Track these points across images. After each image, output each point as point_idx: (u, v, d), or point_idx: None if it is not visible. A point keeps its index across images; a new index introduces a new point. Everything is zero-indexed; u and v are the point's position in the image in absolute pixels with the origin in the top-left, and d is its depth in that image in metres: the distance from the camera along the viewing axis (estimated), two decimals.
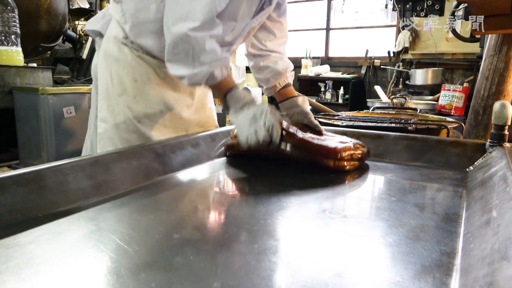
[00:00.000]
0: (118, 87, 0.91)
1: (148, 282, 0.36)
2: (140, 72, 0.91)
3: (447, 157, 0.85)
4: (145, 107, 0.92)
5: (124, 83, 0.91)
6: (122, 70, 0.91)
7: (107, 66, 0.92)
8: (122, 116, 0.91)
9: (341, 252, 0.43)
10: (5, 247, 0.43)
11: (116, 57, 0.91)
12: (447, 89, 2.44)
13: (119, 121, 0.91)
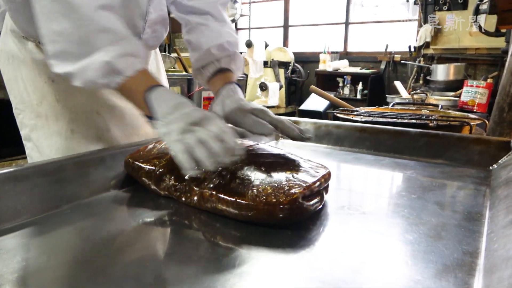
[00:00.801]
0: (34, 94, 0.69)
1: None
2: None
3: (469, 154, 0.83)
4: (75, 111, 0.70)
5: (40, 87, 0.69)
6: (31, 72, 0.69)
7: (14, 71, 0.70)
8: (47, 129, 0.69)
9: (359, 249, 0.42)
10: (28, 236, 0.44)
11: (21, 58, 0.69)
12: (469, 85, 2.38)
13: (46, 137, 0.70)
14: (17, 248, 0.41)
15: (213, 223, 0.49)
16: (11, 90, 0.72)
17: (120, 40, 0.53)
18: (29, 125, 0.71)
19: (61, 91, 0.69)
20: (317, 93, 1.73)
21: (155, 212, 0.53)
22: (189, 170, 0.46)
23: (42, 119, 0.69)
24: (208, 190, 0.50)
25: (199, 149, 0.47)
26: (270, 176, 0.50)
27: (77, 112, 0.70)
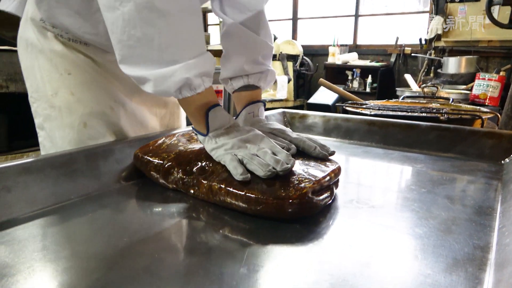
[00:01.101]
0: (49, 85, 0.69)
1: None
2: (72, 61, 0.69)
3: (481, 148, 0.81)
4: (88, 105, 0.70)
5: (55, 79, 0.68)
6: (49, 63, 0.69)
7: (32, 60, 0.70)
8: (60, 120, 0.69)
9: (368, 242, 0.42)
10: (40, 227, 0.45)
11: (39, 47, 0.69)
12: (481, 78, 2.35)
13: (58, 128, 0.70)
14: (29, 239, 0.41)
15: (221, 215, 0.49)
16: (28, 78, 0.72)
17: (201, 55, 0.53)
18: (43, 115, 0.71)
19: (77, 84, 0.69)
20: (326, 86, 1.71)
21: (163, 204, 0.53)
22: (239, 176, 0.48)
23: (55, 110, 0.69)
24: (217, 183, 0.50)
25: (251, 161, 0.50)
26: None
27: (91, 106, 0.70)
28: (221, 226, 0.47)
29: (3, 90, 2.15)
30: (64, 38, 0.69)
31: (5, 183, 0.48)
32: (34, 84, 0.70)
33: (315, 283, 0.34)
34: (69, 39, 0.69)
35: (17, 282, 0.33)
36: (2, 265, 0.36)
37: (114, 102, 0.73)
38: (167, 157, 0.58)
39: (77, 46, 0.70)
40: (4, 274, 0.34)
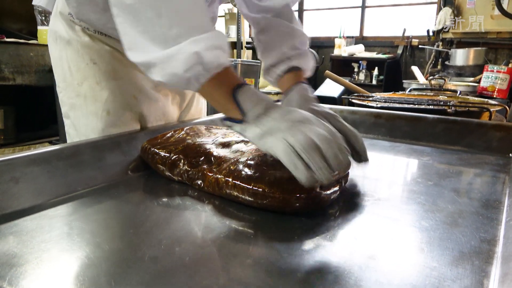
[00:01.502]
0: (77, 74, 0.72)
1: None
2: (98, 51, 0.72)
3: (488, 141, 0.81)
4: (112, 93, 0.72)
5: (82, 68, 0.71)
6: (76, 54, 0.72)
7: (60, 51, 0.73)
8: (85, 108, 0.72)
9: (374, 235, 0.42)
10: (47, 218, 0.45)
11: (67, 39, 0.72)
12: (490, 70, 2.32)
13: (83, 116, 0.72)
14: (37, 230, 0.42)
15: (226, 207, 0.49)
16: (56, 69, 0.75)
17: (209, 31, 0.48)
18: (68, 104, 0.74)
19: (102, 74, 0.71)
20: (332, 78, 1.70)
21: (169, 196, 0.53)
22: (304, 178, 0.42)
23: (81, 98, 0.72)
24: (223, 177, 0.50)
25: (311, 157, 0.42)
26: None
27: (115, 94, 0.72)
28: (226, 218, 0.47)
29: (10, 83, 2.17)
30: (91, 31, 0.71)
31: (13, 175, 0.48)
32: (62, 74, 0.73)
33: (320, 275, 0.34)
34: (95, 31, 0.71)
35: (25, 272, 0.34)
36: (10, 255, 0.36)
37: (138, 91, 0.75)
38: (174, 150, 0.58)
39: (103, 38, 0.72)
40: (12, 264, 0.35)
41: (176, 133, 0.65)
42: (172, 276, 0.33)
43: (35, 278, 0.33)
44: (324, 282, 0.33)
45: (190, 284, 0.32)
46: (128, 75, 0.74)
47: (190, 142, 0.60)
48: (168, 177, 0.57)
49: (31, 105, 2.53)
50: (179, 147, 0.59)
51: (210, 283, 0.33)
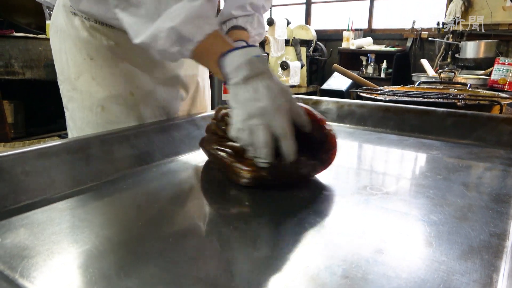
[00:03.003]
0: (73, 68, 0.72)
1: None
2: (96, 47, 0.71)
3: (499, 135, 0.80)
4: (108, 89, 0.72)
5: (79, 63, 0.72)
6: (74, 47, 0.72)
7: (60, 44, 0.74)
8: (81, 102, 0.73)
9: (382, 229, 0.42)
10: (58, 210, 0.46)
11: (67, 31, 0.72)
12: (501, 63, 2.28)
13: (79, 109, 0.74)
14: (47, 222, 0.42)
15: (234, 201, 0.49)
16: (56, 61, 0.76)
17: (180, 2, 0.50)
18: (67, 96, 0.75)
19: (98, 69, 0.72)
20: (340, 71, 1.69)
21: (177, 189, 0.54)
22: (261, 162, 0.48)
23: (77, 92, 0.73)
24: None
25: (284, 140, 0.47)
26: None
27: (110, 90, 0.72)
28: (233, 212, 0.47)
29: (20, 77, 2.19)
30: (91, 21, 0.71)
31: (23, 168, 0.49)
32: (60, 67, 0.75)
33: (327, 268, 0.34)
34: (96, 21, 0.71)
35: (36, 264, 0.34)
36: (22, 247, 0.37)
37: (135, 87, 0.74)
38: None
39: (103, 29, 0.71)
40: (24, 255, 0.35)
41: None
42: (180, 268, 0.34)
43: (46, 269, 0.34)
44: (332, 276, 0.33)
45: (198, 276, 0.32)
46: (124, 71, 0.73)
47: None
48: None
49: (40, 100, 2.55)
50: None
51: (217, 275, 0.33)
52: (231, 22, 0.78)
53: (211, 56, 0.51)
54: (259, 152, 0.48)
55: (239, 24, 0.77)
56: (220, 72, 0.51)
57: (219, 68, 0.51)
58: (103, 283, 0.31)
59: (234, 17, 0.77)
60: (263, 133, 0.47)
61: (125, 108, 0.73)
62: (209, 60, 0.53)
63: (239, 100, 0.49)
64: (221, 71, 0.51)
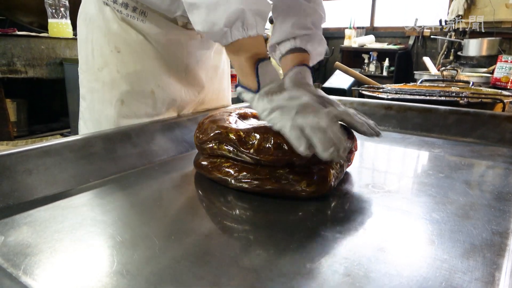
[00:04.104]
0: (99, 59, 0.72)
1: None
2: (124, 40, 0.71)
3: (501, 133, 0.79)
4: (130, 84, 0.72)
5: (105, 54, 0.71)
6: (102, 38, 0.71)
7: (87, 33, 0.73)
8: (102, 94, 0.72)
9: (384, 227, 0.42)
10: (60, 208, 0.46)
11: (97, 21, 0.71)
12: (504, 61, 2.27)
13: (99, 101, 0.73)
14: (50, 220, 0.43)
15: (236, 199, 0.49)
16: (81, 50, 0.75)
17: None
18: (87, 87, 0.74)
19: (124, 63, 0.71)
20: (342, 69, 1.69)
21: (180, 187, 0.54)
22: (303, 149, 0.43)
23: (99, 83, 0.72)
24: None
25: (314, 134, 0.44)
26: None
27: (133, 86, 0.72)
28: (236, 210, 0.47)
29: (22, 75, 2.19)
30: (122, 14, 0.70)
31: (26, 166, 0.49)
32: (85, 57, 0.73)
33: (329, 266, 0.34)
34: (127, 14, 0.70)
35: (40, 261, 0.34)
36: (25, 245, 0.37)
37: (157, 86, 0.74)
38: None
39: (134, 22, 0.71)
40: (27, 253, 0.35)
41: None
42: (182, 266, 0.34)
43: (49, 267, 0.34)
44: (334, 274, 0.33)
45: (200, 274, 0.33)
46: (150, 68, 0.73)
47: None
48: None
49: (43, 98, 2.56)
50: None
51: (220, 272, 0.33)
52: (289, 43, 0.68)
53: (251, 55, 0.51)
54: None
55: (299, 46, 0.67)
56: (251, 73, 0.51)
57: (255, 70, 0.50)
58: (105, 280, 0.32)
59: (293, 37, 0.68)
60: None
61: (143, 105, 0.73)
62: (247, 58, 0.51)
63: (278, 106, 0.48)
64: (257, 74, 0.50)
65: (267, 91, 0.49)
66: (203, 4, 0.49)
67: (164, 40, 0.74)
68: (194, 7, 0.50)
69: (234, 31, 0.49)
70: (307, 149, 0.43)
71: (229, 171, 0.51)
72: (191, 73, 0.80)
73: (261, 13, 0.50)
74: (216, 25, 0.49)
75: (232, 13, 0.48)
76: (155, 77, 0.74)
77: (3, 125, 2.26)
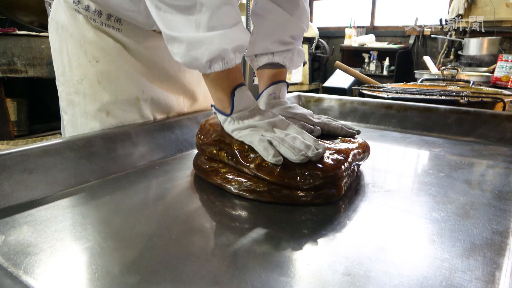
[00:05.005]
0: (77, 70, 0.67)
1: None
2: (102, 48, 0.67)
3: (502, 132, 0.79)
4: (114, 94, 0.68)
5: (84, 65, 0.67)
6: (78, 48, 0.67)
7: (61, 43, 0.68)
8: (84, 107, 0.68)
9: (384, 226, 0.42)
10: (61, 208, 0.46)
11: (70, 31, 0.67)
12: (504, 60, 2.26)
13: (81, 114, 0.68)
14: (50, 219, 0.43)
15: (236, 199, 0.49)
16: (56, 61, 0.70)
17: (238, 24, 0.50)
18: (67, 100, 0.69)
19: (104, 73, 0.68)
20: (342, 69, 1.69)
21: (180, 187, 0.54)
22: (272, 158, 0.46)
23: (80, 96, 0.68)
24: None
25: (281, 144, 0.47)
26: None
27: (116, 95, 0.69)
28: (236, 210, 0.47)
29: (22, 75, 2.19)
30: (96, 22, 0.66)
31: (26, 166, 0.49)
32: (61, 68, 0.69)
33: (330, 266, 0.34)
34: (101, 23, 0.67)
35: (40, 261, 0.34)
36: (25, 244, 0.37)
37: (141, 92, 0.72)
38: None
39: (109, 31, 0.67)
40: (27, 253, 0.35)
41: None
42: (182, 265, 0.34)
43: (49, 266, 0.34)
44: (334, 273, 0.33)
45: (200, 273, 0.33)
46: (132, 75, 0.70)
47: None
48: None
49: (43, 98, 2.56)
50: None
51: (220, 272, 0.33)
52: (267, 57, 0.68)
53: (228, 85, 0.53)
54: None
55: (276, 61, 0.68)
56: (227, 99, 0.53)
57: (230, 97, 0.52)
58: (106, 279, 0.32)
59: (271, 53, 0.68)
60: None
61: (130, 114, 0.70)
62: (224, 88, 0.53)
63: (247, 125, 0.51)
64: (232, 100, 0.52)
65: (238, 116, 0.52)
66: (185, 39, 0.48)
67: (143, 47, 0.71)
68: (176, 40, 0.49)
69: (214, 65, 0.50)
70: (274, 157, 0.46)
71: (228, 177, 0.51)
72: (175, 77, 0.78)
73: (241, 48, 0.51)
74: (198, 60, 0.49)
75: (214, 52, 0.48)
76: (139, 84, 0.71)
77: (3, 124, 2.26)
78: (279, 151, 0.47)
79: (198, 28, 0.48)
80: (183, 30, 0.48)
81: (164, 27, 0.50)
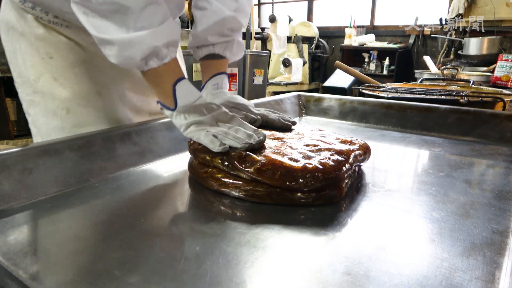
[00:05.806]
0: (32, 69, 0.66)
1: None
2: (55, 44, 0.66)
3: (502, 131, 0.79)
4: (73, 90, 0.66)
5: (37, 63, 0.66)
6: (30, 46, 0.65)
7: (14, 44, 0.67)
8: (44, 106, 0.67)
9: (384, 226, 0.42)
10: (61, 208, 0.46)
11: (20, 30, 0.65)
12: (504, 59, 2.27)
13: (42, 114, 0.67)
14: (50, 219, 0.43)
15: (237, 201, 0.49)
16: (11, 62, 0.69)
17: (167, 21, 0.51)
18: (27, 100, 0.68)
19: (59, 69, 0.66)
20: (342, 68, 1.69)
21: (180, 187, 0.54)
22: (218, 147, 0.49)
23: (38, 95, 0.66)
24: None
25: (225, 137, 0.51)
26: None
27: (74, 91, 0.67)
28: (235, 209, 0.47)
29: None
30: (44, 20, 0.65)
31: (26, 165, 0.49)
32: (17, 69, 0.68)
33: (329, 265, 0.34)
34: (49, 21, 0.65)
35: (40, 261, 0.34)
36: (25, 244, 0.37)
37: (101, 87, 0.69)
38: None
39: (59, 28, 0.66)
40: (27, 253, 0.35)
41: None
42: (181, 265, 0.34)
43: (49, 266, 0.34)
44: (334, 273, 0.33)
45: (199, 273, 0.33)
46: (88, 70, 0.68)
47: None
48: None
49: None
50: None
51: (219, 271, 0.33)
52: (207, 49, 0.70)
53: (168, 80, 0.54)
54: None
55: (217, 52, 0.70)
56: (169, 94, 0.54)
57: (172, 91, 0.54)
58: (105, 279, 0.32)
59: (211, 44, 0.70)
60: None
61: (92, 110, 0.68)
62: (164, 83, 0.54)
63: (193, 121, 0.54)
64: (174, 94, 0.54)
65: (183, 109, 0.54)
66: (116, 41, 0.49)
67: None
68: (108, 43, 0.50)
69: (149, 62, 0.51)
70: (221, 146, 0.49)
71: (225, 182, 0.50)
72: (139, 75, 0.77)
73: (173, 43, 0.52)
74: (132, 59, 0.50)
75: (147, 49, 0.50)
76: (97, 77, 0.69)
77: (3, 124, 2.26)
78: (224, 143, 0.50)
79: (128, 30, 0.49)
80: (113, 32, 0.49)
81: (94, 31, 0.50)
